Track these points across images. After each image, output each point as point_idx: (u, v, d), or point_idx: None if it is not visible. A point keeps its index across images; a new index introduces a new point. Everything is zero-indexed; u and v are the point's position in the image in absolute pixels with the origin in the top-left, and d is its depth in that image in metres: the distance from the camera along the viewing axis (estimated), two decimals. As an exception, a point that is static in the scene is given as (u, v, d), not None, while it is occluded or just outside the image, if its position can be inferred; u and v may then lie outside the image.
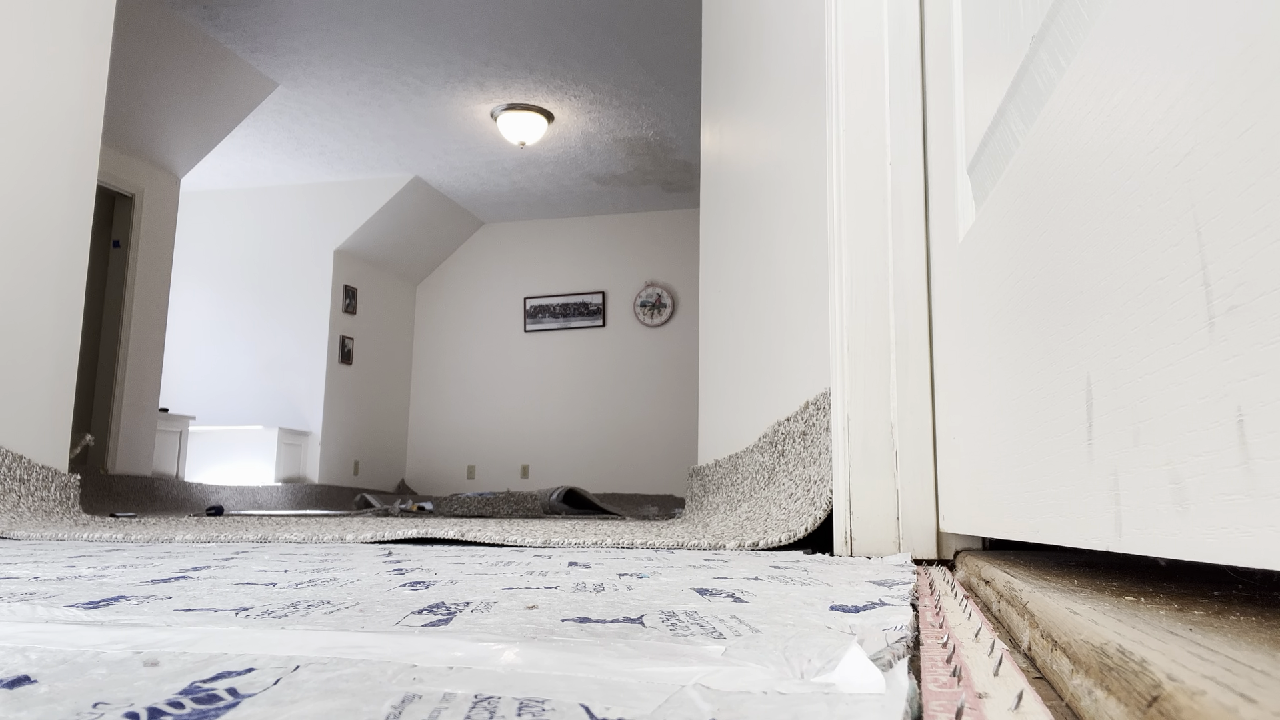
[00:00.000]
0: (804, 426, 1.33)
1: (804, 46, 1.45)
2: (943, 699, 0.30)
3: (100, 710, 0.26)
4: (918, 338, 1.08)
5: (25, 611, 0.45)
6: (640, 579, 0.70)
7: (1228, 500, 0.36)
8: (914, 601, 0.59)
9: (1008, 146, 0.74)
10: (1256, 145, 0.34)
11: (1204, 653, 0.31)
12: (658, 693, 0.29)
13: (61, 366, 2.09)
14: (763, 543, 1.11)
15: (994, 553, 0.94)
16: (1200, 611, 0.43)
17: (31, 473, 1.91)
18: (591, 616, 0.48)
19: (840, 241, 1.12)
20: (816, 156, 1.32)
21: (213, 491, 4.71)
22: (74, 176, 2.13)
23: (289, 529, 1.49)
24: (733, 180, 2.37)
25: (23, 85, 1.98)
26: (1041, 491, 0.62)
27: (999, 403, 0.75)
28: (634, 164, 5.95)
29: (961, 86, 0.94)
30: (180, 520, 2.06)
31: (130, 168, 4.68)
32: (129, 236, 4.68)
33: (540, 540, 1.23)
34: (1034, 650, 0.43)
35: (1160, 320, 0.42)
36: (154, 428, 4.85)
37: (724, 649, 0.36)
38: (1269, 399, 0.33)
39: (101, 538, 1.37)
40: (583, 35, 4.33)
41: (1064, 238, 0.58)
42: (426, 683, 0.30)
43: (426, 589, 0.62)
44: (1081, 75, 0.55)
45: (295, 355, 6.17)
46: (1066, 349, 0.57)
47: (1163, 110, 0.43)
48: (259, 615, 0.47)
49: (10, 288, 1.93)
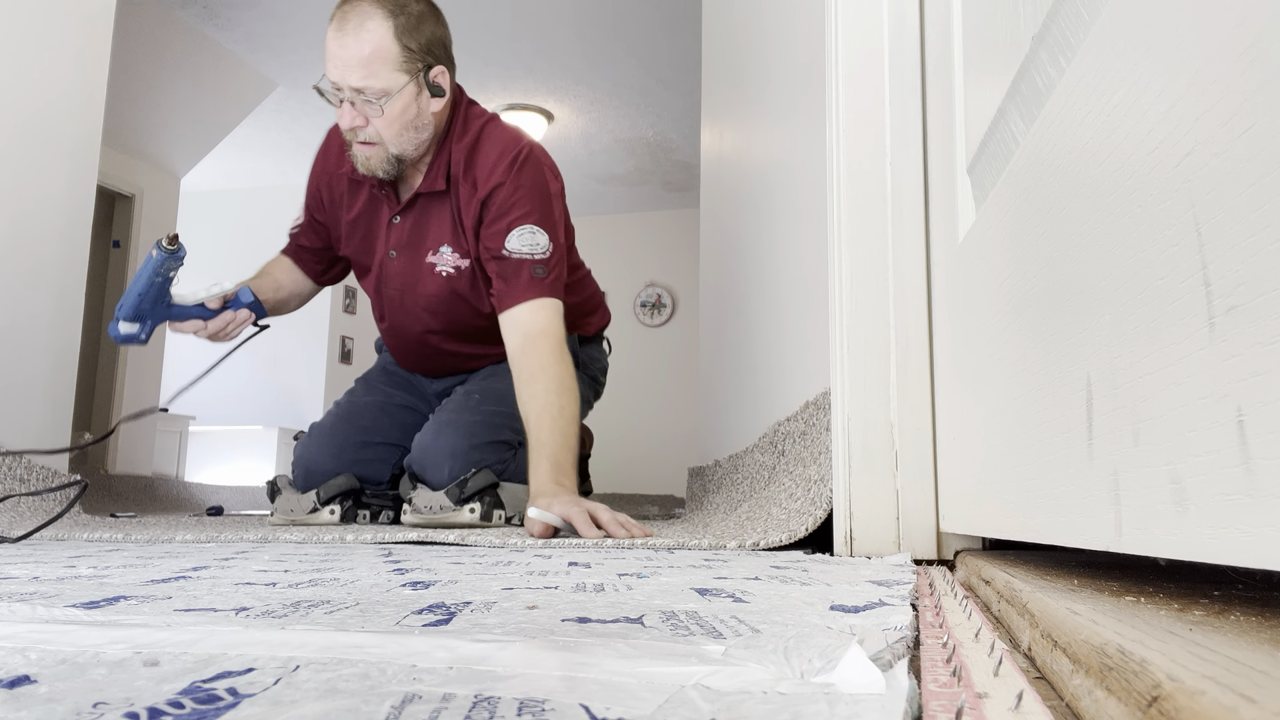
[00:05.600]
0: (804, 426, 1.33)
1: (804, 46, 1.45)
2: (943, 699, 0.30)
3: (100, 710, 0.26)
4: (918, 338, 1.08)
5: (25, 611, 0.45)
6: (640, 579, 0.70)
7: (1228, 500, 0.36)
8: (914, 601, 0.59)
9: (1008, 146, 0.74)
10: (1256, 145, 0.34)
11: (1204, 653, 0.31)
12: (658, 693, 0.29)
13: (61, 366, 2.09)
14: (763, 543, 1.11)
15: (994, 553, 0.94)
16: (1200, 611, 0.43)
17: (31, 473, 1.91)
18: (591, 616, 0.48)
19: (840, 241, 1.12)
20: (816, 156, 1.32)
21: (213, 491, 4.71)
22: (74, 177, 2.13)
23: (289, 529, 1.49)
24: (732, 180, 2.37)
25: (23, 85, 1.98)
26: (1041, 491, 0.62)
27: (999, 403, 0.75)
28: (634, 164, 5.95)
29: (961, 86, 0.94)
30: (180, 520, 2.06)
31: (130, 168, 4.68)
32: (129, 236, 4.68)
33: (540, 540, 1.23)
34: (1034, 650, 0.43)
35: (1160, 320, 0.42)
36: (154, 428, 4.85)
37: (724, 649, 0.36)
38: (1269, 399, 0.33)
39: (101, 538, 1.37)
40: (582, 35, 4.33)
41: (1064, 237, 0.58)
42: (426, 683, 0.30)
43: (426, 589, 0.62)
44: (1081, 75, 0.55)
45: (295, 355, 6.17)
46: (1066, 349, 0.57)
47: (1163, 110, 0.43)
48: (259, 615, 0.47)
49: (10, 287, 1.93)
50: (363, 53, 1.54)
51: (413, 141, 1.66)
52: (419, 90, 1.62)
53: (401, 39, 1.57)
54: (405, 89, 1.59)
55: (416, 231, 1.77)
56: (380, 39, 1.54)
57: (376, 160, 1.65)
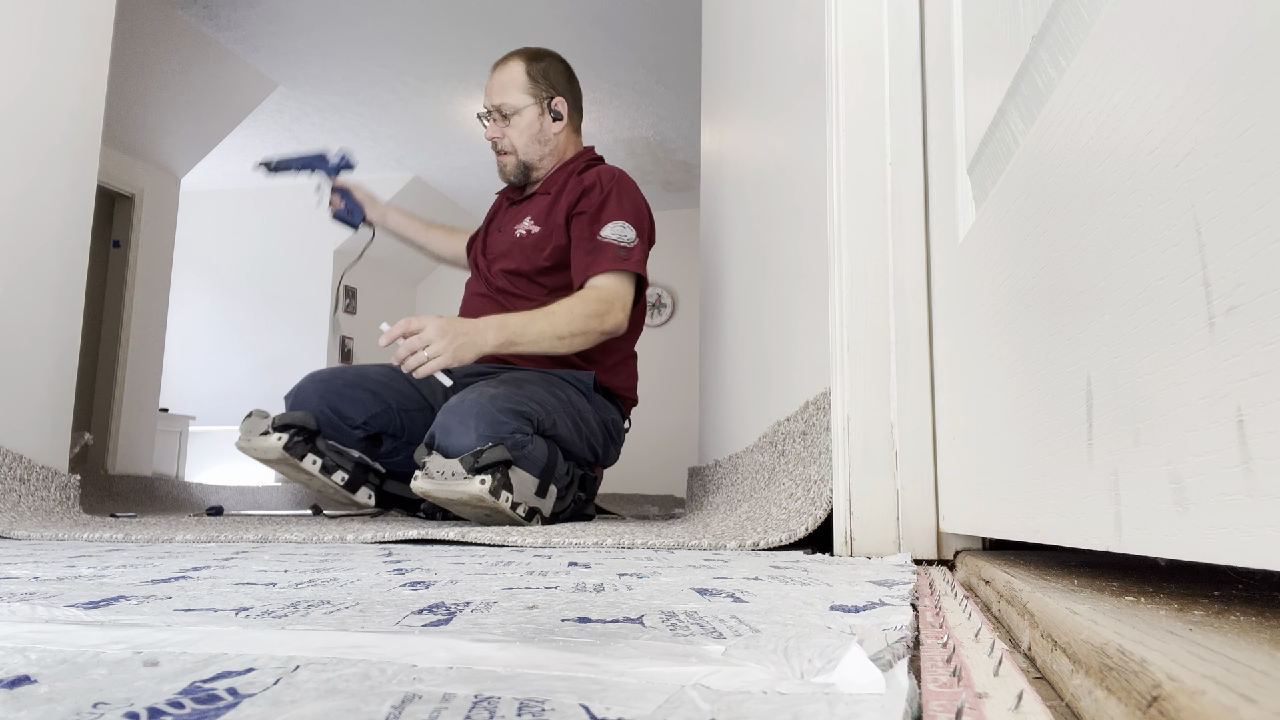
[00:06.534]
0: (804, 426, 1.33)
1: (804, 46, 1.45)
2: (943, 699, 0.30)
3: (100, 710, 0.26)
4: (918, 337, 1.08)
5: (25, 611, 0.45)
6: (640, 579, 0.70)
7: (1228, 500, 0.36)
8: (914, 601, 0.59)
9: (1008, 146, 0.74)
10: (1256, 145, 0.34)
11: (1204, 653, 0.31)
12: (658, 693, 0.29)
13: (61, 366, 2.09)
14: (763, 543, 1.11)
15: (994, 553, 0.94)
16: (1200, 611, 0.43)
17: (32, 473, 1.91)
18: (592, 616, 0.48)
19: (840, 241, 1.12)
20: (816, 156, 1.32)
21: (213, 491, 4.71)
22: (74, 177, 2.12)
23: (289, 529, 1.49)
24: (732, 180, 2.37)
25: (23, 85, 1.98)
26: (1041, 491, 0.62)
27: (999, 402, 0.75)
28: (634, 164, 5.94)
29: (961, 86, 0.94)
30: (180, 520, 2.06)
31: (130, 168, 4.68)
32: (129, 236, 4.68)
33: (540, 540, 1.23)
34: (1034, 650, 0.43)
35: (1160, 320, 0.42)
36: (154, 428, 4.85)
37: (724, 649, 0.36)
38: (1269, 399, 0.33)
39: (101, 538, 1.37)
40: (582, 35, 4.33)
41: (1064, 238, 0.58)
42: (426, 683, 0.30)
43: (426, 589, 0.62)
44: (1081, 75, 0.55)
45: (295, 355, 6.16)
46: (1066, 349, 0.57)
47: (1163, 110, 0.43)
48: (259, 615, 0.47)
49: (10, 288, 1.93)
50: (501, 79, 2.13)
51: (538, 153, 2.15)
52: (541, 112, 2.13)
53: (530, 73, 2.13)
54: (529, 108, 2.12)
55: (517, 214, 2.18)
56: (514, 71, 2.13)
57: (511, 166, 2.16)
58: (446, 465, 1.62)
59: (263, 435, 1.82)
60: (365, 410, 2.00)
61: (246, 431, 1.84)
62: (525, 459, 1.75)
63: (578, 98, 2.22)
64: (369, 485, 1.99)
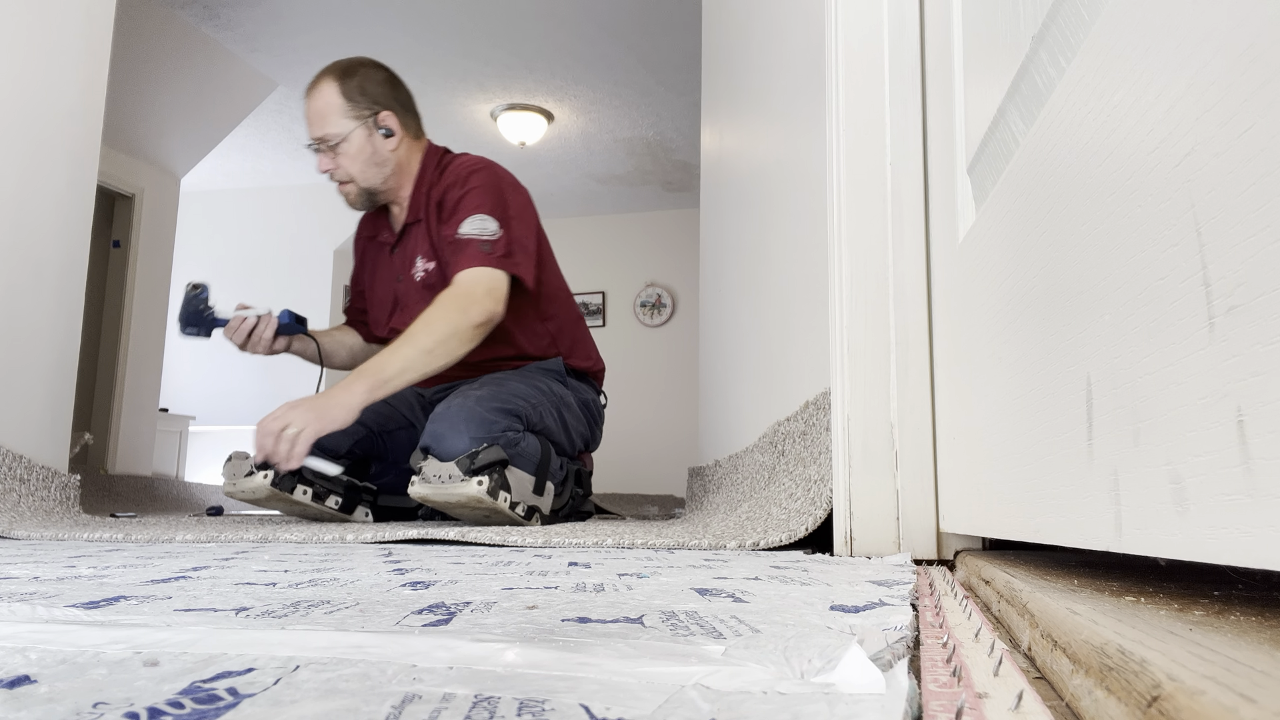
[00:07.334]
0: (804, 426, 1.33)
1: (804, 46, 1.45)
2: (943, 699, 0.30)
3: (100, 710, 0.26)
4: (918, 338, 1.08)
5: (25, 611, 0.45)
6: (640, 579, 0.70)
7: (1228, 500, 0.36)
8: (914, 601, 0.59)
9: (1008, 146, 0.74)
10: (1256, 145, 0.34)
11: (1204, 653, 0.31)
12: (658, 693, 0.29)
13: (61, 366, 2.09)
14: (763, 543, 1.11)
15: (994, 553, 0.94)
16: (1200, 611, 0.43)
17: (32, 473, 1.91)
18: (591, 616, 0.48)
19: (840, 241, 1.12)
20: (816, 156, 1.32)
21: (213, 491, 4.71)
22: (74, 177, 2.12)
23: (289, 529, 1.49)
24: (732, 180, 2.37)
25: (22, 85, 1.98)
26: (1041, 491, 0.62)
27: (999, 403, 0.75)
28: (634, 164, 5.94)
29: (961, 86, 0.94)
30: (180, 520, 2.06)
31: (130, 168, 4.68)
32: (129, 236, 4.68)
33: (540, 540, 1.23)
34: (1034, 650, 0.43)
35: (1160, 320, 0.42)
36: (154, 428, 4.84)
37: (724, 649, 0.36)
38: (1269, 399, 0.33)
39: (101, 538, 1.37)
40: (582, 35, 4.33)
41: (1064, 238, 0.58)
42: (426, 683, 0.30)
43: (426, 589, 0.62)
44: (1081, 75, 0.55)
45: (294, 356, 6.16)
46: (1066, 349, 0.57)
47: (1163, 110, 0.43)
48: (259, 615, 0.47)
49: (10, 288, 1.93)
50: (317, 108, 1.96)
51: (379, 176, 2.00)
52: (370, 133, 1.98)
53: (345, 93, 1.96)
54: (355, 132, 1.96)
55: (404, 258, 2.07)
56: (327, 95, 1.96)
57: (354, 194, 2.02)
58: (443, 469, 1.62)
59: (248, 476, 1.76)
60: (349, 438, 1.94)
61: (230, 475, 1.79)
62: (520, 456, 1.75)
63: (407, 101, 2.03)
64: (364, 504, 1.97)
